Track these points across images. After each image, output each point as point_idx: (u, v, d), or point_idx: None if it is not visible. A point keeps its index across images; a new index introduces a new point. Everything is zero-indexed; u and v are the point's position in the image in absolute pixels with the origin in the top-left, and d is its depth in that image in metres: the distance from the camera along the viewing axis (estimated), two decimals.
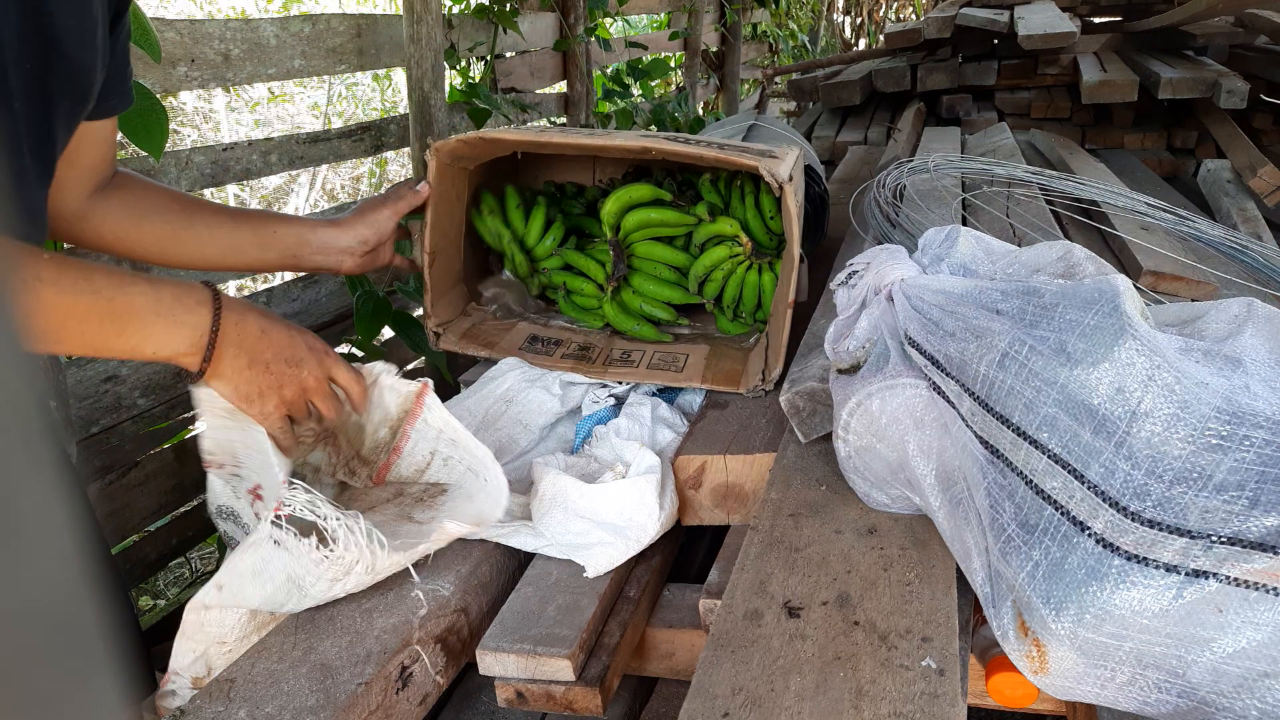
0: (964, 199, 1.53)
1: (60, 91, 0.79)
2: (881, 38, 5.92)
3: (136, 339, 0.76)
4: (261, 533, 0.77)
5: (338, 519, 0.77)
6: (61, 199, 0.98)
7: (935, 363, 0.72)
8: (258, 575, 0.78)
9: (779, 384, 1.02)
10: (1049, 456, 0.63)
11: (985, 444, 0.68)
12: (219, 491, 0.94)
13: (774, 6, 5.33)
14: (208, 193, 1.84)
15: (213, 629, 0.80)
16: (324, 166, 4.34)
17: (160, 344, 0.78)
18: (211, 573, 1.95)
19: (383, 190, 1.22)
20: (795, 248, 1.03)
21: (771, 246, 1.23)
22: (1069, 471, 0.62)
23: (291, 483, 0.79)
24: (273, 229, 1.04)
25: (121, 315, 0.74)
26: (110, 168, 1.02)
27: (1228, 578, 0.57)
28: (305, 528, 0.77)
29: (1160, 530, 0.58)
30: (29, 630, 0.13)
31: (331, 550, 0.76)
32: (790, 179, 1.00)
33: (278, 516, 0.76)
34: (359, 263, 1.10)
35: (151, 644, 1.16)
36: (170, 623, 1.45)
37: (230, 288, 3.20)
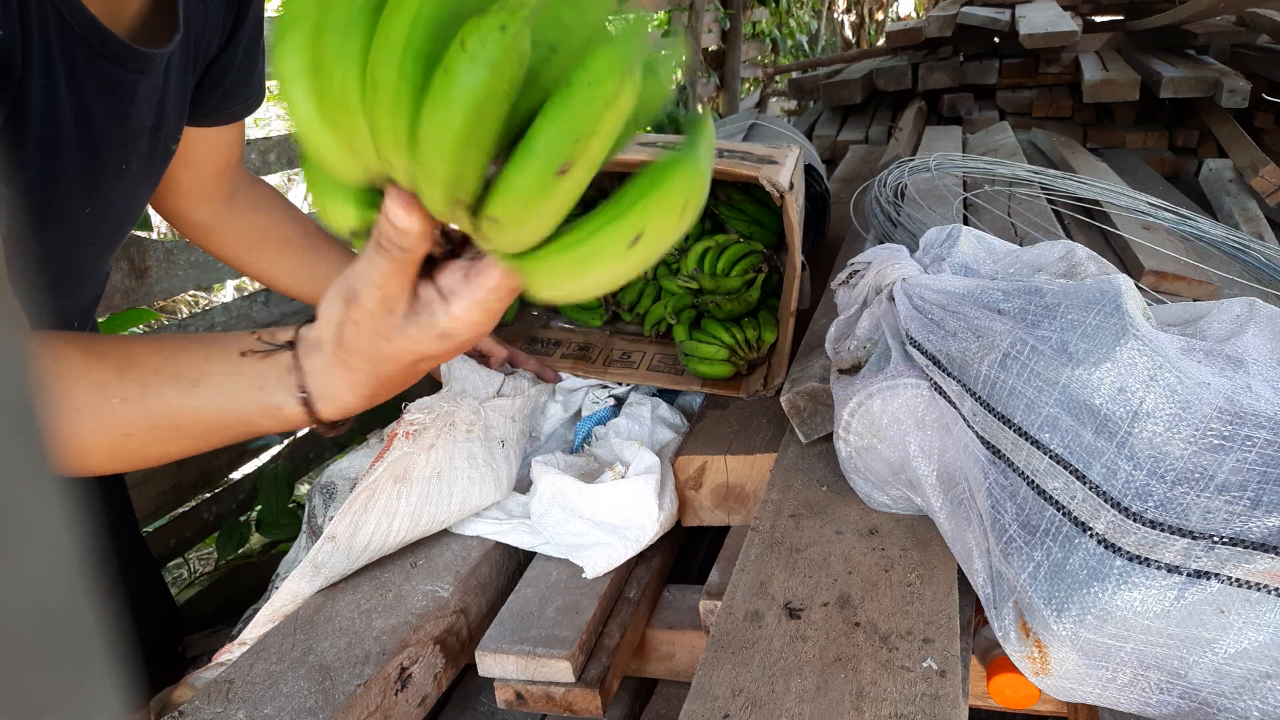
0: (965, 198, 1.53)
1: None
2: (883, 37, 5.92)
3: (221, 405, 0.60)
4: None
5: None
6: (187, 204, 0.96)
7: (936, 362, 0.72)
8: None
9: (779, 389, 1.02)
10: (1050, 457, 0.63)
11: (987, 444, 0.68)
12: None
13: (774, 5, 5.33)
14: None
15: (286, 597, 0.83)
16: None
17: (246, 398, 0.60)
18: (211, 573, 1.95)
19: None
20: (797, 256, 1.02)
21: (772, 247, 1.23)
22: (1071, 472, 0.61)
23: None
24: None
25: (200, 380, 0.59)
26: (236, 174, 0.99)
27: (1230, 578, 0.57)
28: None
29: (1162, 531, 0.58)
30: (28, 631, 0.13)
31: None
32: (791, 187, 0.99)
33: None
34: None
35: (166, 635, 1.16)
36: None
37: (229, 286, 3.20)
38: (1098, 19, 3.60)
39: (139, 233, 1.39)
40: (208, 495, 1.70)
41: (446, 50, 0.41)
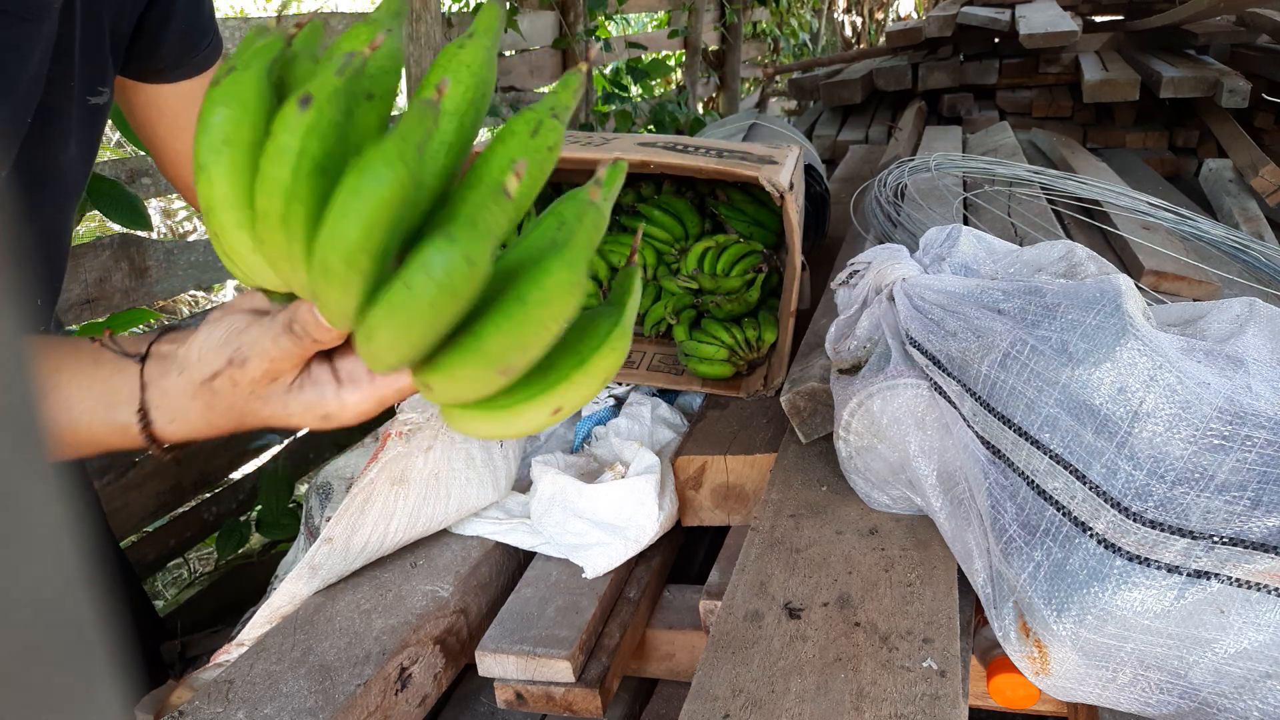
0: (965, 198, 1.53)
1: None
2: (883, 37, 5.92)
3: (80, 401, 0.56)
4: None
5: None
6: (189, 174, 0.91)
7: (936, 362, 0.72)
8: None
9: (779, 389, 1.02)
10: (1050, 457, 0.63)
11: (987, 444, 0.68)
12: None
13: (774, 5, 5.33)
14: None
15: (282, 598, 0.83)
16: None
17: (96, 418, 0.56)
18: (210, 573, 1.95)
19: None
20: (797, 256, 1.02)
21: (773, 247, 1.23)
22: (1071, 472, 0.61)
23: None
24: None
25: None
26: None
27: (1229, 578, 0.57)
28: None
29: (1162, 531, 0.58)
30: (28, 631, 0.13)
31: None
32: (791, 187, 0.99)
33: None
34: None
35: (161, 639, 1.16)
36: (169, 623, 1.45)
37: (229, 286, 3.19)
38: (1098, 19, 3.60)
39: (139, 233, 1.39)
40: (208, 495, 1.70)
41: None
